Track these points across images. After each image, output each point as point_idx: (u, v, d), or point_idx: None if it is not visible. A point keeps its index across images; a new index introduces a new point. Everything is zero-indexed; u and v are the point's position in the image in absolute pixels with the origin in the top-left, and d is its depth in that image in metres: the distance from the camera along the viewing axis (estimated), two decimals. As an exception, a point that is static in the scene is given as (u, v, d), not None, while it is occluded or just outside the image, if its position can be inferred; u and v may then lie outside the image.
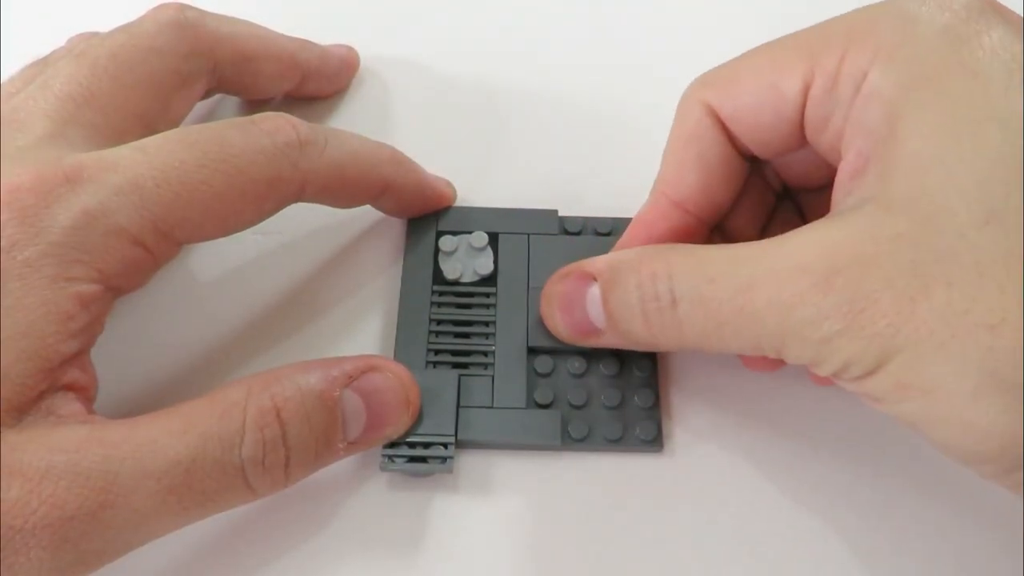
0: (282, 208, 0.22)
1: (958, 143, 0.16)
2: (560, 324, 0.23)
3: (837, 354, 0.17)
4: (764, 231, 0.24)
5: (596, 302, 0.21)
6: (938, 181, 0.16)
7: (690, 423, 0.23)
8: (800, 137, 0.20)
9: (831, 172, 0.20)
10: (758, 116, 0.20)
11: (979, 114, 0.16)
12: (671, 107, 0.26)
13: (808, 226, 0.18)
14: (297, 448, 0.19)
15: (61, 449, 0.17)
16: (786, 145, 0.21)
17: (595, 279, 0.21)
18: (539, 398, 0.23)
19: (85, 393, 0.19)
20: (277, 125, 0.22)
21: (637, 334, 0.20)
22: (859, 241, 0.17)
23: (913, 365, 0.16)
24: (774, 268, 0.17)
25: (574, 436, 0.23)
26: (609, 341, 0.22)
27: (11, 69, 0.25)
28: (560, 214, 0.26)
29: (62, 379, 0.18)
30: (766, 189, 0.24)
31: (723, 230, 0.24)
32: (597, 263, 0.22)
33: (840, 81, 0.19)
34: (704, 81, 0.21)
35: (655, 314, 0.20)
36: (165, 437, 0.18)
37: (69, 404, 0.18)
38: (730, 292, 0.18)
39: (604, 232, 0.26)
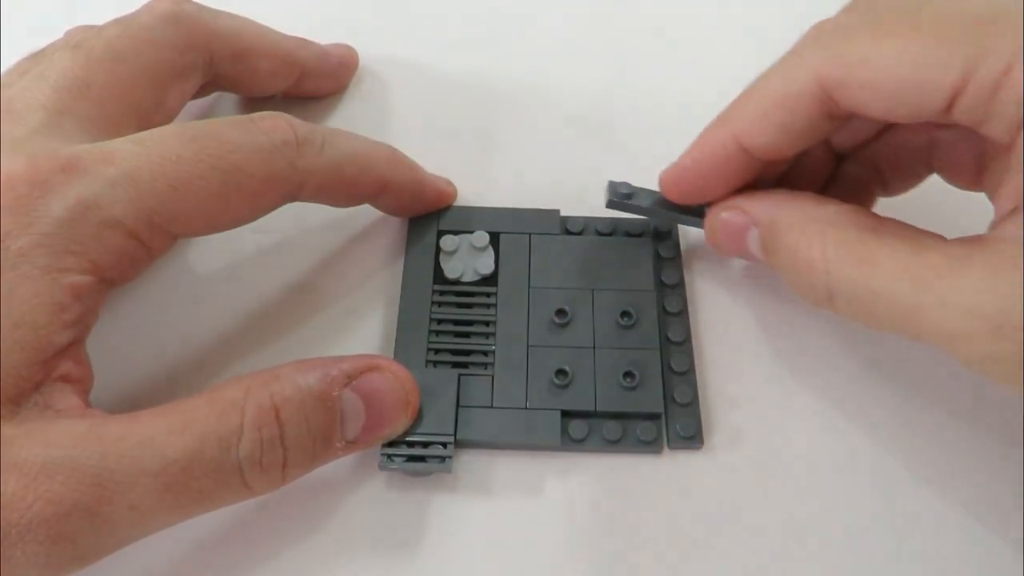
0: (279, 207, 0.22)
1: None
2: (727, 250, 0.24)
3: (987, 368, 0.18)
4: (824, 188, 0.25)
5: (756, 244, 0.22)
6: None
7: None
8: (926, 127, 0.20)
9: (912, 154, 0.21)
10: (887, 110, 0.19)
11: None
12: (673, 107, 0.26)
13: (979, 262, 0.18)
14: (295, 448, 0.19)
15: (59, 444, 0.17)
16: (910, 126, 0.21)
17: (755, 225, 0.22)
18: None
19: (81, 385, 0.19)
20: (275, 124, 0.21)
21: (792, 287, 0.21)
22: None
23: None
24: (947, 302, 0.18)
25: (574, 436, 0.22)
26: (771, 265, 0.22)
27: (9, 62, 0.25)
28: (562, 214, 0.26)
29: (57, 370, 0.18)
30: (828, 149, 0.24)
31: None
32: (758, 209, 0.22)
33: (1002, 96, 0.17)
34: (828, 53, 0.20)
35: (809, 293, 0.20)
36: (163, 435, 0.18)
37: (67, 397, 0.18)
38: (893, 312, 0.19)
39: (606, 232, 0.26)
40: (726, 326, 0.25)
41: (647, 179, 0.28)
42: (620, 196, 0.24)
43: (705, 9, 0.33)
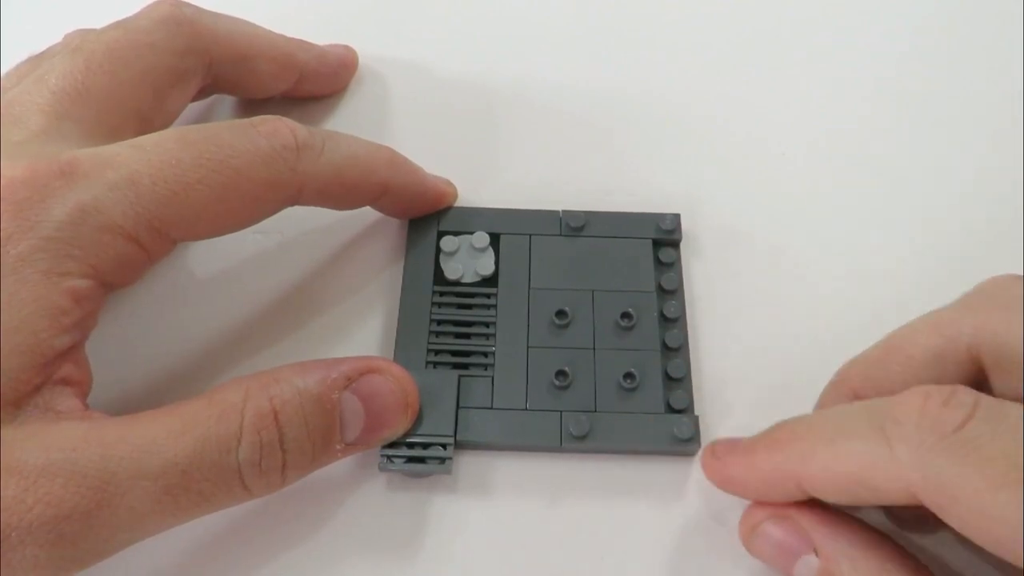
0: (279, 210, 0.22)
1: None
2: (761, 558, 0.20)
3: None
4: None
5: (811, 570, 0.19)
6: None
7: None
8: None
9: None
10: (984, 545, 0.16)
11: None
12: (673, 108, 0.26)
13: None
14: (294, 451, 0.19)
15: (58, 447, 0.17)
16: None
17: (815, 552, 0.19)
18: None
19: (80, 388, 0.19)
20: (275, 128, 0.21)
21: None
22: None
23: None
24: None
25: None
26: None
27: (8, 64, 0.25)
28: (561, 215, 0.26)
29: (56, 373, 0.18)
30: None
31: None
32: (823, 539, 0.19)
33: None
34: (923, 464, 0.16)
35: None
36: (163, 437, 0.18)
37: (66, 400, 0.18)
38: None
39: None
40: (724, 333, 0.25)
41: (646, 179, 0.28)
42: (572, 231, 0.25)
43: (705, 10, 0.33)
